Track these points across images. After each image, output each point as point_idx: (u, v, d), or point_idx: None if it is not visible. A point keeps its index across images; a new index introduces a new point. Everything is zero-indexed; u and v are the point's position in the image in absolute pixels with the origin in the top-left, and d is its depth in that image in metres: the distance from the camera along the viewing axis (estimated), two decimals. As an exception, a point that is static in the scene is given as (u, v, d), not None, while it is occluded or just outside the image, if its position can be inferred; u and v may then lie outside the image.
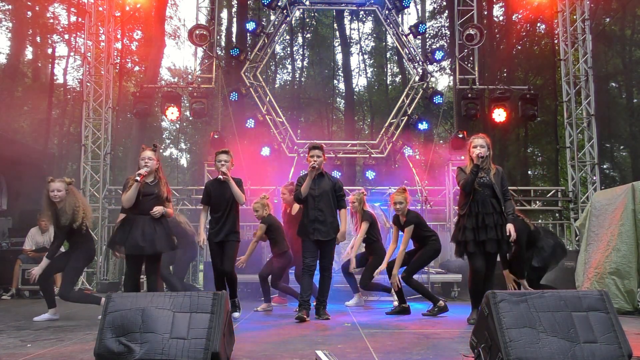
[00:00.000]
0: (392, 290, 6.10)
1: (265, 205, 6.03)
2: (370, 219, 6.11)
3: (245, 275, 6.73)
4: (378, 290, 6.34)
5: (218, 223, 4.99)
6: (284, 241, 5.99)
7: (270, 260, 6.19)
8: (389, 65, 23.82)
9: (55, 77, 19.33)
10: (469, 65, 10.26)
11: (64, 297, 4.96)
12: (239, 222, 5.20)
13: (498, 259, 5.03)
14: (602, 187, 9.15)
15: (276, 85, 22.88)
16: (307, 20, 22.14)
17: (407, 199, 5.56)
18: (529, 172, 18.77)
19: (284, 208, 6.54)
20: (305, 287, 5.05)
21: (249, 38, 15.96)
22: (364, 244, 6.22)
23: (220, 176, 4.91)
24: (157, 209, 4.43)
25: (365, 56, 24.74)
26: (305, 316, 4.85)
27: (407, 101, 10.51)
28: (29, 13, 17.45)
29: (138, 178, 4.34)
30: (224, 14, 19.84)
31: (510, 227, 4.51)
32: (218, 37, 12.67)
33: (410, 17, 22.72)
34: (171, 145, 27.15)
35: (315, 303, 5.15)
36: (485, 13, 15.91)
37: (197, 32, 9.35)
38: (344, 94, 22.98)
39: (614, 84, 18.80)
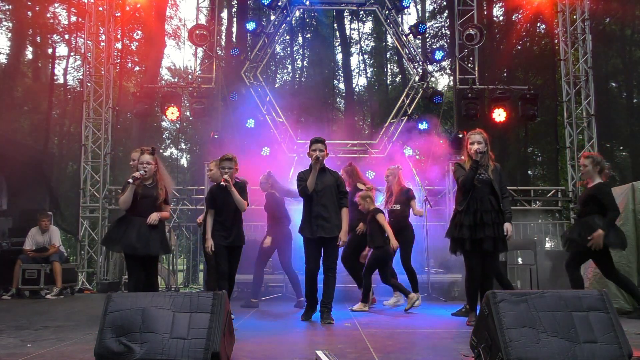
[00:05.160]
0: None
1: (367, 197, 5.94)
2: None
3: (246, 275, 6.70)
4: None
5: (225, 227, 4.87)
6: None
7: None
8: (389, 65, 23.78)
9: (55, 77, 19.31)
10: (469, 65, 10.26)
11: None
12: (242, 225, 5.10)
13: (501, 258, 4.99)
14: (602, 187, 9.13)
15: (276, 85, 22.84)
16: (307, 20, 22.10)
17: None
18: (529, 172, 18.72)
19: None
20: (310, 292, 5.04)
21: (249, 38, 15.94)
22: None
23: (222, 183, 4.76)
24: (153, 217, 4.38)
25: (365, 56, 24.70)
26: (310, 317, 4.93)
27: (407, 101, 10.52)
28: (29, 13, 17.40)
29: (131, 180, 4.31)
30: (224, 14, 19.79)
31: (508, 227, 4.48)
32: (218, 37, 12.65)
33: (410, 17, 22.77)
34: (171, 145, 27.09)
35: (320, 306, 5.03)
36: (485, 13, 15.88)
37: (197, 32, 9.38)
38: (344, 94, 22.96)
39: (614, 84, 18.75)
